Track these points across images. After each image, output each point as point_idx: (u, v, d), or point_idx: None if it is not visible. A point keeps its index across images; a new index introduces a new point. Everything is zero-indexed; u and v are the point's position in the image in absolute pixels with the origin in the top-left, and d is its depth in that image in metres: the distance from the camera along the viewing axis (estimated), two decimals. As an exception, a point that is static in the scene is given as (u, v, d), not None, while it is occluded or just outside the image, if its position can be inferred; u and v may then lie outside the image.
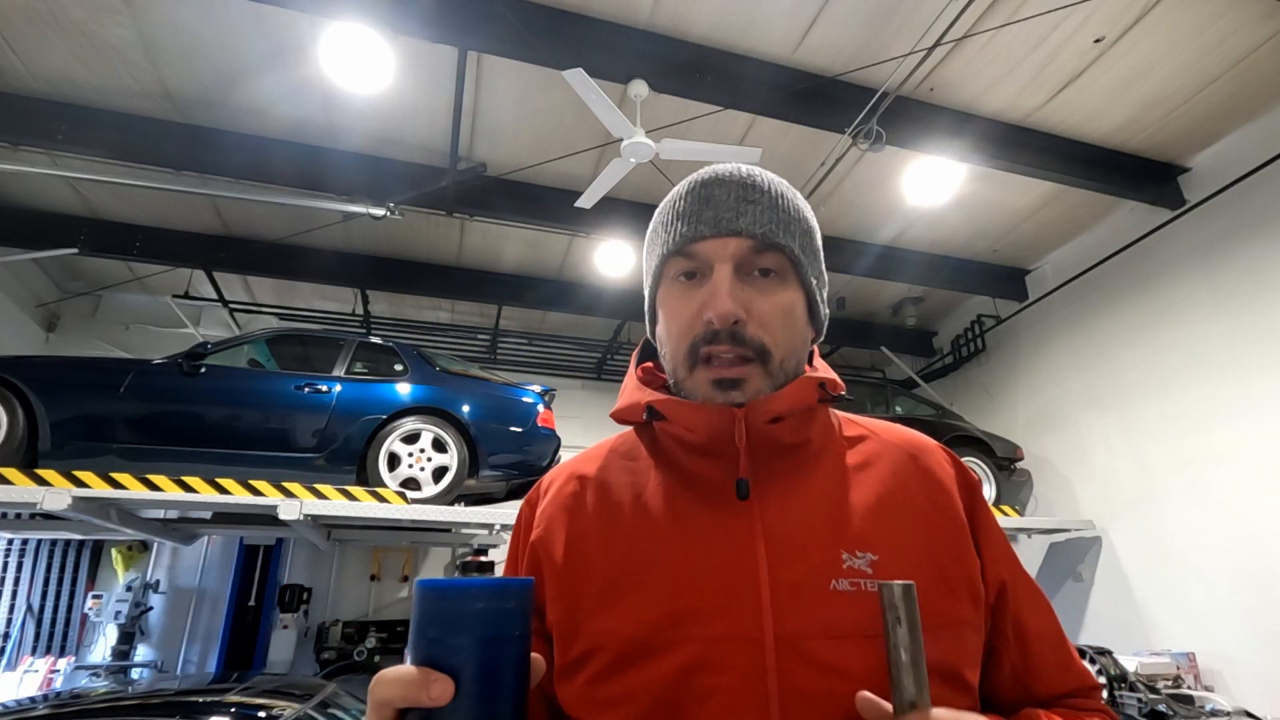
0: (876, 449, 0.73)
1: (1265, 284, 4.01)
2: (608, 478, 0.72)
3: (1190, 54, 3.64)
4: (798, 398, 0.67)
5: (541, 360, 7.19)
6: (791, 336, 0.68)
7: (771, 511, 0.65)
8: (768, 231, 0.67)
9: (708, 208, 0.68)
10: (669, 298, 0.70)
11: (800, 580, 0.60)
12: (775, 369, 0.66)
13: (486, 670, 0.41)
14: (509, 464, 4.14)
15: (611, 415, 0.76)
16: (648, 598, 0.61)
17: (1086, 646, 3.96)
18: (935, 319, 7.08)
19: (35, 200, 4.92)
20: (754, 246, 0.67)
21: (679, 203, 0.71)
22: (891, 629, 0.51)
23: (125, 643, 5.21)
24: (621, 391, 0.77)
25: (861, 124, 3.76)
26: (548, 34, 3.38)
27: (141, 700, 2.22)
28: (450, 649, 0.41)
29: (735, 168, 0.71)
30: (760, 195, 0.69)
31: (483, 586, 0.43)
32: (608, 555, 0.65)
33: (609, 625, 0.61)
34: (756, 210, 0.68)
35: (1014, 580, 0.70)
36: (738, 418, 0.65)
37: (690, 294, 0.68)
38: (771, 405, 0.65)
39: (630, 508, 0.68)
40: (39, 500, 3.28)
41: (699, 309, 0.66)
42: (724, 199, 0.68)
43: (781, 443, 0.68)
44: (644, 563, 0.63)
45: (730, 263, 0.66)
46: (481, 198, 4.66)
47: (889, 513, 0.66)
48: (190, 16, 3.46)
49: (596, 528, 0.67)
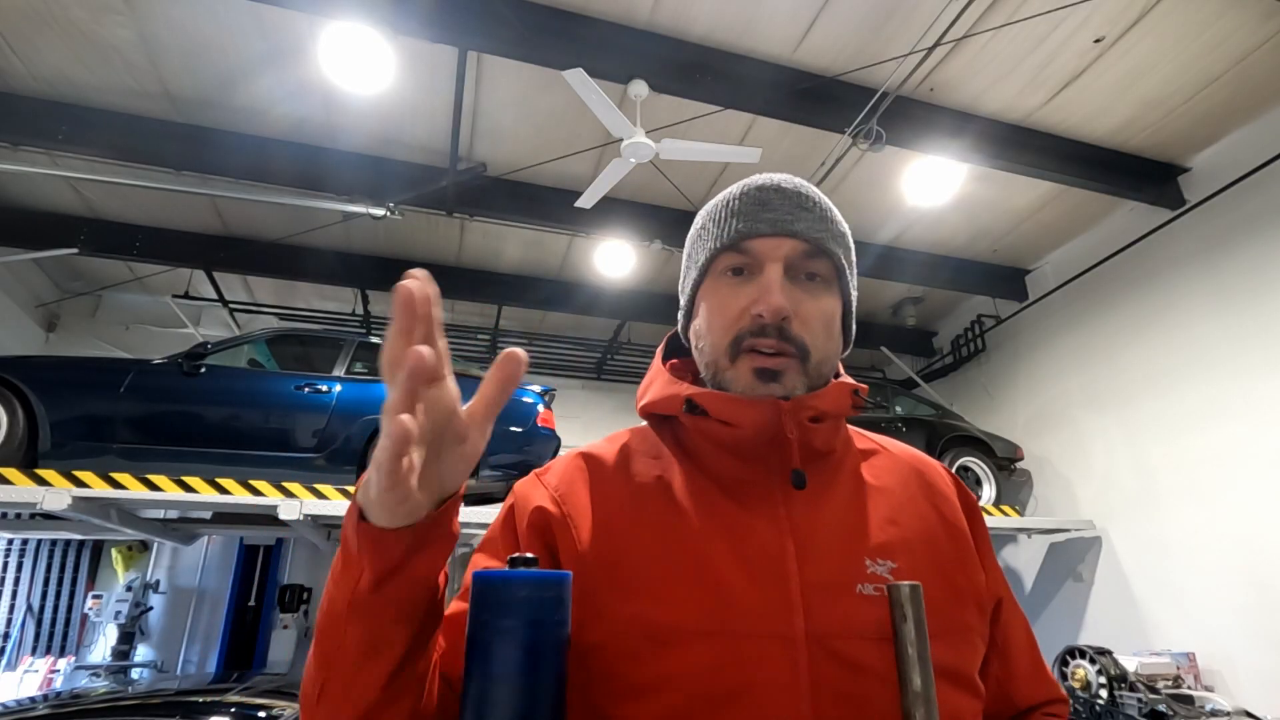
0: (888, 463, 0.76)
1: (1265, 284, 4.01)
2: (631, 467, 0.71)
3: (1190, 54, 3.64)
4: (836, 401, 0.69)
5: (541, 360, 7.18)
6: (829, 342, 0.71)
7: (800, 514, 0.66)
8: (821, 238, 0.70)
9: (766, 209, 0.71)
10: (715, 290, 0.72)
11: (829, 581, 0.62)
12: (813, 370, 0.69)
13: (529, 649, 0.48)
14: (509, 464, 4.13)
15: (642, 408, 0.76)
16: (677, 587, 0.61)
17: (1087, 646, 3.95)
18: (935, 319, 7.08)
19: (35, 200, 4.92)
20: (806, 250, 0.70)
21: (734, 202, 0.73)
22: (899, 627, 0.54)
23: (125, 643, 5.21)
24: (646, 384, 0.77)
25: (861, 124, 3.76)
26: (548, 34, 3.38)
27: (141, 700, 2.22)
28: (498, 630, 0.48)
29: (788, 178, 0.75)
30: (813, 205, 0.72)
31: (526, 578, 0.50)
32: (634, 541, 0.64)
33: (635, 611, 0.60)
34: (811, 218, 0.71)
35: (1006, 596, 0.75)
36: (785, 410, 0.67)
37: (738, 289, 0.70)
38: (815, 403, 0.68)
39: (657, 499, 0.68)
40: (39, 500, 3.28)
41: (748, 303, 0.68)
42: (781, 203, 0.71)
43: (814, 446, 0.70)
44: (673, 553, 0.63)
45: (782, 262, 0.69)
46: (481, 198, 4.66)
47: (903, 524, 0.69)
48: (190, 16, 3.46)
49: (621, 513, 0.67)
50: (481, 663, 0.49)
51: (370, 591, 0.50)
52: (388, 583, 0.50)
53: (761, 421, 0.67)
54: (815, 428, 0.68)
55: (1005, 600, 0.74)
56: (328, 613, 0.53)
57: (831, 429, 0.71)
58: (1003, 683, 0.72)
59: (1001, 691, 0.72)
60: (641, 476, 0.70)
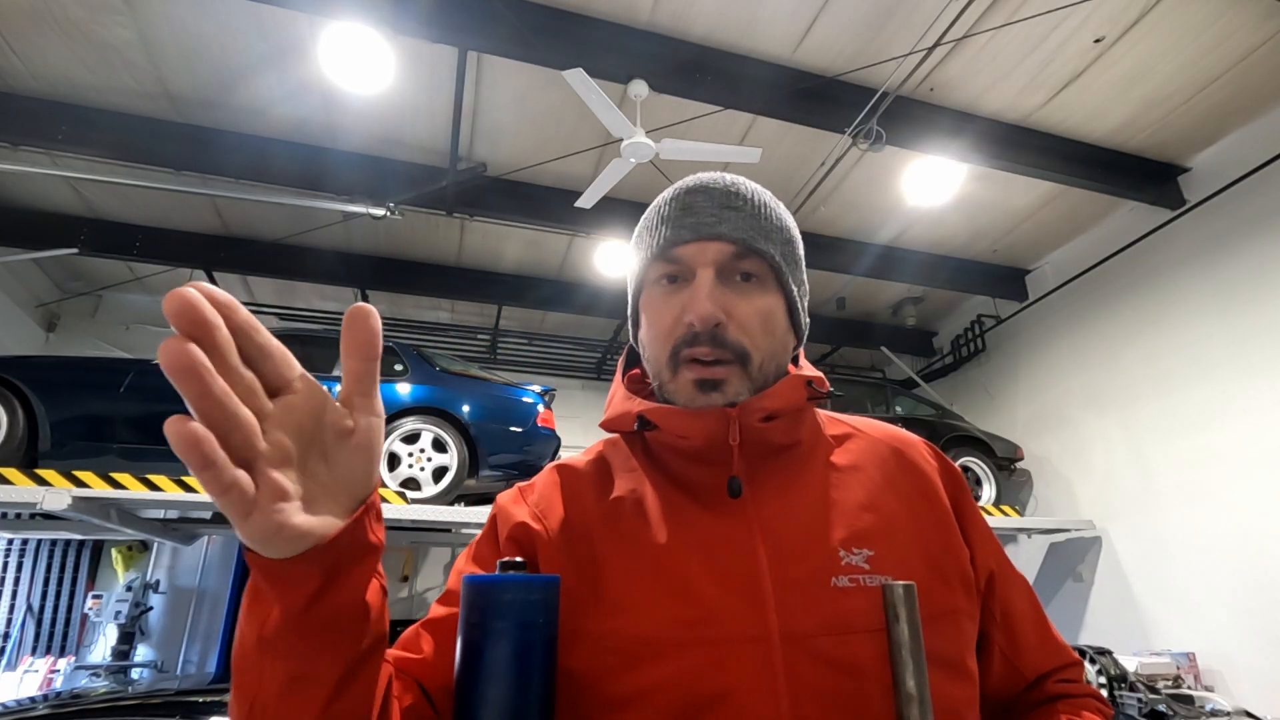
0: (863, 446, 0.74)
1: (1265, 284, 4.01)
2: (604, 481, 0.72)
3: (1190, 54, 3.64)
4: (788, 396, 0.68)
5: (541, 360, 7.19)
6: (772, 341, 0.69)
7: (768, 512, 0.65)
8: (749, 237, 0.68)
9: (690, 214, 0.69)
10: (651, 302, 0.71)
11: (802, 579, 0.61)
12: (755, 372, 0.67)
13: (518, 650, 0.49)
14: (509, 464, 4.13)
15: (601, 426, 0.76)
16: (651, 600, 0.61)
17: (1086, 646, 3.95)
18: (935, 319, 7.08)
19: (35, 200, 4.92)
20: (735, 252, 0.68)
21: (663, 209, 0.73)
22: (892, 627, 0.54)
23: (125, 643, 5.20)
24: (609, 400, 0.77)
25: (861, 124, 3.76)
26: (548, 34, 3.38)
27: (141, 700, 2.22)
28: (488, 631, 0.50)
29: (719, 176, 0.73)
30: (742, 203, 0.70)
31: (514, 581, 0.51)
32: (608, 557, 0.65)
33: (612, 626, 0.60)
34: (739, 217, 0.69)
35: (1000, 566, 0.72)
36: (731, 418, 0.66)
37: (671, 298, 0.69)
38: (764, 403, 0.66)
39: (629, 511, 0.68)
40: (39, 500, 3.28)
41: (680, 312, 0.67)
42: (706, 206, 0.70)
43: (774, 443, 0.69)
44: (646, 567, 0.63)
45: (711, 267, 0.67)
46: (481, 198, 4.66)
47: (880, 508, 0.67)
48: (190, 16, 3.46)
49: (595, 529, 0.67)
50: (474, 664, 0.49)
51: (282, 628, 0.44)
52: (302, 616, 0.44)
53: (709, 431, 0.66)
54: (769, 425, 0.67)
55: (1000, 572, 0.72)
56: (240, 649, 0.47)
57: (790, 423, 0.69)
58: (1009, 655, 0.71)
59: (1009, 665, 0.71)
60: (614, 490, 0.70)
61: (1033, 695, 0.72)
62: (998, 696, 0.71)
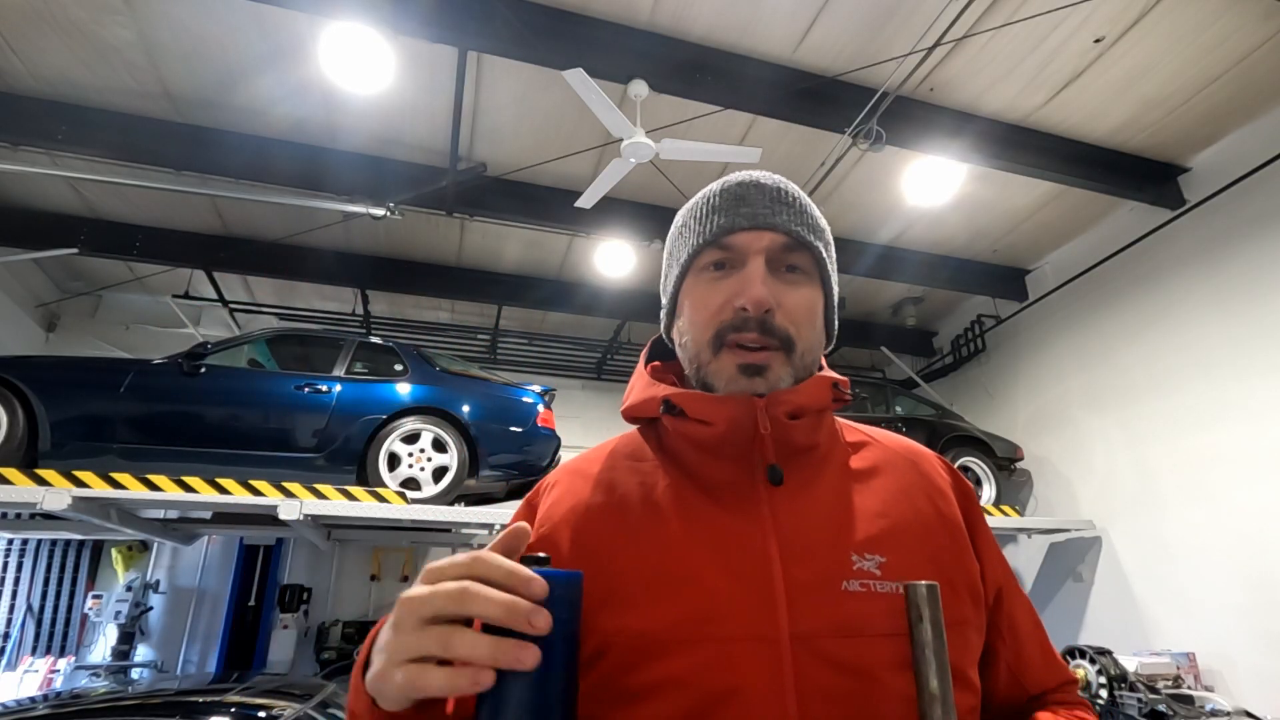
0: (878, 455, 0.75)
1: (1265, 284, 4.01)
2: (613, 478, 0.72)
3: (1190, 54, 3.64)
4: (815, 395, 0.69)
5: (541, 360, 7.19)
6: (814, 333, 0.71)
7: (783, 512, 0.65)
8: (800, 231, 0.71)
9: (744, 204, 0.71)
10: (697, 287, 0.73)
11: (813, 580, 0.61)
12: (797, 361, 0.69)
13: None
14: (509, 464, 4.13)
15: (624, 412, 0.76)
16: (661, 597, 0.61)
17: (1087, 646, 3.95)
18: (935, 319, 7.08)
19: (35, 200, 4.92)
20: (786, 243, 0.70)
21: (714, 198, 0.74)
22: (915, 627, 0.53)
23: (125, 643, 5.20)
24: (630, 389, 0.78)
25: (861, 124, 3.75)
26: (548, 34, 3.38)
27: (141, 700, 2.22)
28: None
29: (767, 174, 0.75)
30: (792, 200, 0.73)
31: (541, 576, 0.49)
32: (617, 554, 0.64)
33: (622, 623, 0.60)
34: (790, 212, 0.72)
35: (1007, 583, 0.74)
36: (759, 408, 0.66)
37: (720, 284, 0.70)
38: (792, 398, 0.67)
39: (640, 507, 0.68)
40: (39, 500, 3.28)
41: (729, 297, 0.68)
42: (759, 198, 0.72)
43: (795, 443, 0.69)
44: (657, 563, 0.63)
45: (763, 255, 0.69)
46: (481, 198, 4.66)
47: (894, 517, 0.68)
48: (190, 16, 3.46)
49: (604, 527, 0.67)
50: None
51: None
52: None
53: (736, 418, 0.66)
54: (794, 424, 0.67)
55: (1007, 588, 0.73)
56: None
57: (812, 424, 0.70)
58: (1014, 670, 0.72)
59: (1014, 679, 0.72)
60: (625, 485, 0.70)
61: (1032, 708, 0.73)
62: (1000, 709, 0.72)
